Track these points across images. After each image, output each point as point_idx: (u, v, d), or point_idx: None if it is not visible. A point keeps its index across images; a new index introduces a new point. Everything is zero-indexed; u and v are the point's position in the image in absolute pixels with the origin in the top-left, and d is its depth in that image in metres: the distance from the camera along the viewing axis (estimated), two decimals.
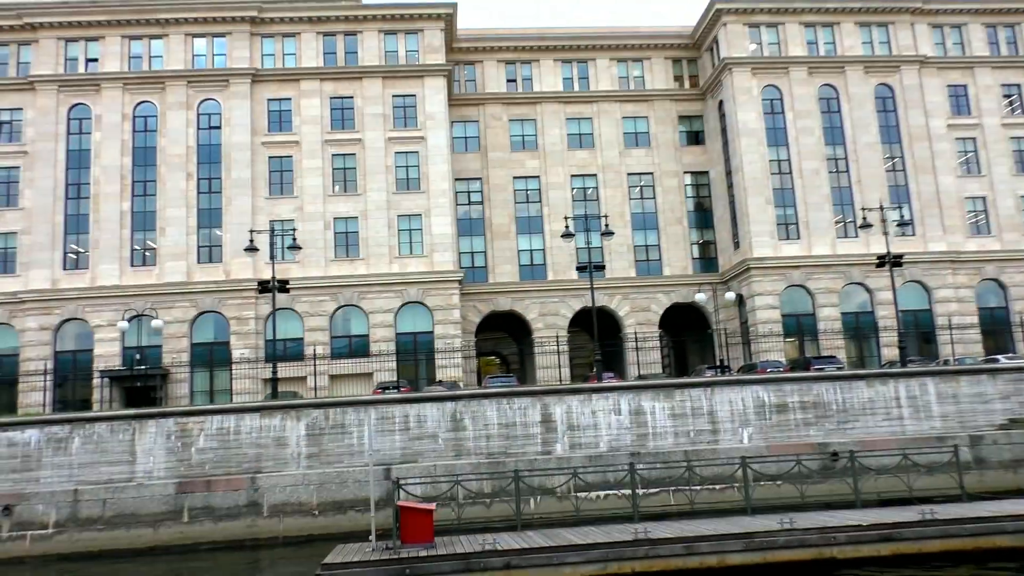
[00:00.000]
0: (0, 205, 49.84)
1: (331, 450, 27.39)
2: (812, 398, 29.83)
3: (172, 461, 27.07)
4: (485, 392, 29.42)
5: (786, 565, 17.53)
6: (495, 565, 16.94)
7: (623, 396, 28.85)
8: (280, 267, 48.98)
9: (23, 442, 27.29)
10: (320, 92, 51.96)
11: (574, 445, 28.37)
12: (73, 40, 51.42)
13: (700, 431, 28.75)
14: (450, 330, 49.50)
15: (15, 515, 26.00)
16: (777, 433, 28.76)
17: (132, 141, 50.64)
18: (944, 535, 18.07)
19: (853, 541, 17.81)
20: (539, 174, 56.94)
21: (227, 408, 28.96)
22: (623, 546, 17.52)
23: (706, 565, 17.44)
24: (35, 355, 47.13)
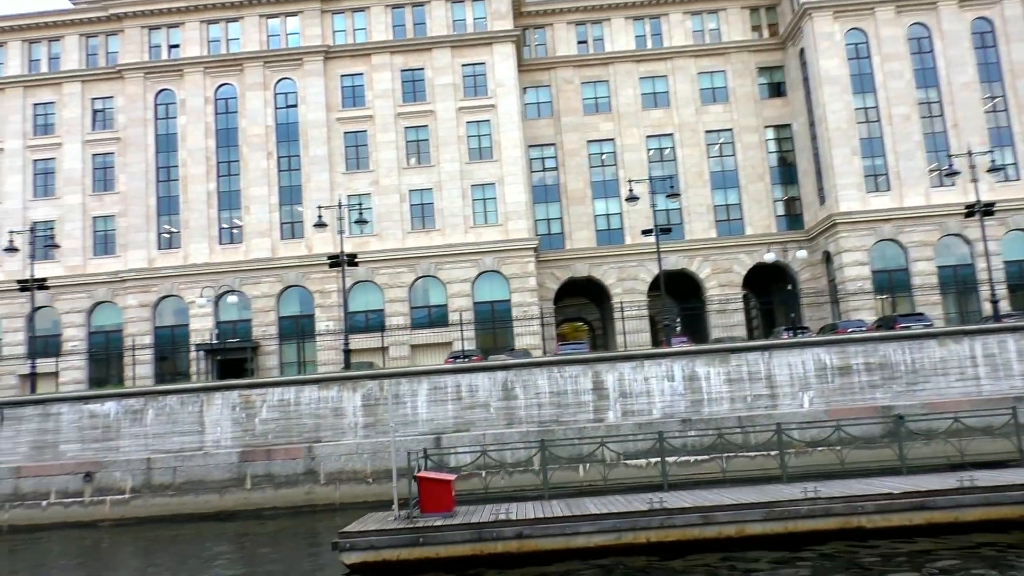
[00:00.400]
0: (99, 190, 52.61)
1: (386, 420, 28.03)
2: (878, 359, 28.49)
3: (237, 431, 28.37)
4: (536, 361, 29.37)
5: (810, 535, 16.97)
6: (507, 535, 16.88)
7: (676, 362, 28.28)
8: (358, 240, 50.26)
9: (103, 414, 29.17)
10: (391, 65, 52.39)
11: (627, 412, 28.06)
12: (156, 28, 53.38)
13: (757, 396, 27.91)
14: (527, 298, 49.63)
15: (96, 481, 28.01)
16: (840, 397, 27.64)
17: (215, 123, 52.42)
18: (984, 503, 17.12)
19: (882, 510, 17.09)
20: (613, 136, 55.98)
21: (287, 380, 30.05)
22: (637, 516, 17.22)
23: (724, 535, 17.00)
24: (136, 331, 49.86)
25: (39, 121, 53.49)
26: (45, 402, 30.31)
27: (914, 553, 15.83)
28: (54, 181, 52.73)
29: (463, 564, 16.54)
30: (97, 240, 52.10)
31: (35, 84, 53.54)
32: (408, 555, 16.74)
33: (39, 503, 30.02)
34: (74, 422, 29.50)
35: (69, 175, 52.49)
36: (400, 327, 49.17)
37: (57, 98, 53.48)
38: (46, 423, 29.57)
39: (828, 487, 18.69)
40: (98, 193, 52.44)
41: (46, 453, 29.28)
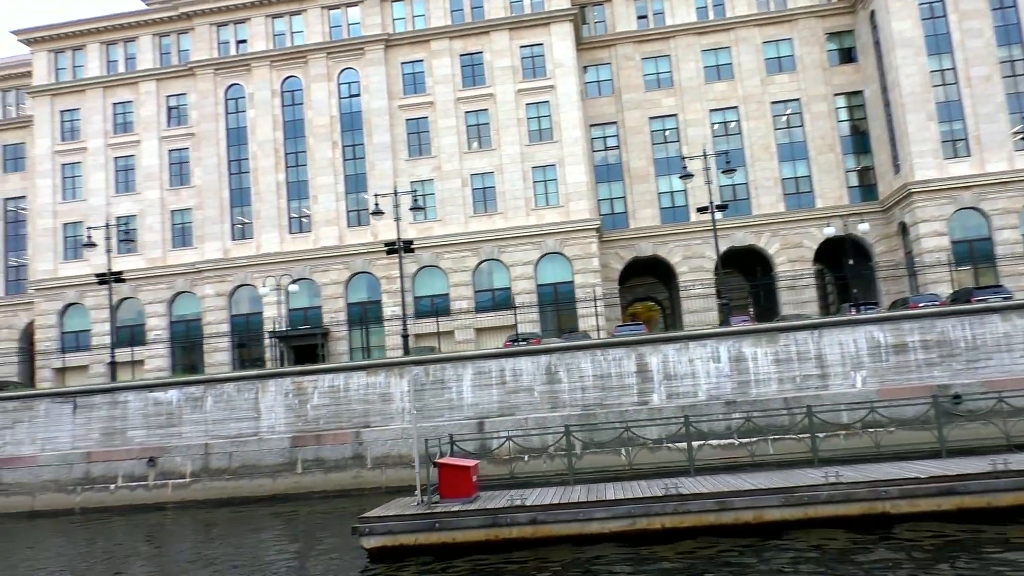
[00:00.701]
0: (176, 184, 54.76)
1: (432, 404, 28.51)
2: (936, 336, 27.26)
3: (291, 417, 29.31)
4: (579, 344, 29.23)
5: (832, 520, 16.47)
6: (521, 521, 17.00)
7: (722, 343, 27.69)
8: (422, 226, 51.02)
9: (166, 401, 30.63)
10: (450, 50, 52.67)
11: (671, 395, 27.69)
12: (224, 24, 54.97)
13: (807, 376, 27.13)
14: (590, 279, 49.48)
15: (159, 466, 29.51)
16: (894, 376, 26.62)
17: (282, 115, 53.80)
18: (1018, 487, 16.23)
19: (908, 495, 16.46)
20: (676, 112, 55.01)
21: (337, 367, 30.80)
22: (651, 502, 17.07)
23: (742, 521, 16.68)
24: (214, 319, 51.91)
25: (119, 120, 55.92)
26: (114, 390, 32.09)
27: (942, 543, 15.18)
28: (134, 177, 55.13)
29: (479, 549, 16.82)
30: (175, 233, 54.29)
31: (114, 84, 55.93)
32: (425, 540, 17.11)
33: (107, 486, 31.92)
34: (140, 409, 31.17)
35: (148, 171, 54.77)
36: (465, 311, 49.78)
37: (134, 97, 55.77)
38: (114, 410, 31.36)
39: (857, 471, 18.11)
40: (175, 187, 54.58)
41: (115, 439, 31.07)
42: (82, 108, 56.11)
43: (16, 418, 32.50)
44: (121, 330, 53.93)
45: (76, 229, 55.14)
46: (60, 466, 32.09)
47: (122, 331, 53.87)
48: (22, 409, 32.58)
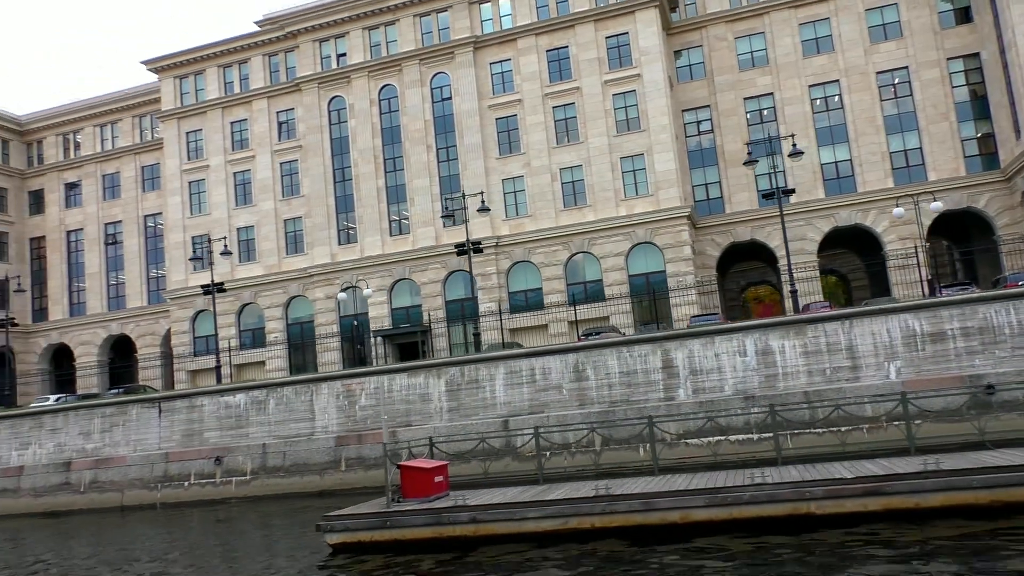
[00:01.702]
0: (287, 195, 58.39)
1: (467, 404, 29.24)
2: (977, 323, 25.07)
3: (341, 418, 30.91)
4: (605, 342, 29.04)
5: (757, 521, 16.24)
6: (462, 519, 17.75)
7: (749, 336, 26.72)
8: (515, 222, 52.05)
9: (235, 404, 33.06)
10: (536, 47, 53.23)
11: (697, 390, 27.01)
12: (325, 40, 57.98)
13: (837, 368, 25.68)
14: (682, 267, 48.84)
15: (224, 464, 31.96)
16: (931, 366, 24.72)
17: (380, 123, 56.19)
18: (948, 487, 15.57)
19: (833, 496, 16.05)
20: (772, 91, 53.14)
21: (381, 370, 32.21)
22: (580, 502, 17.42)
23: (668, 521, 16.81)
24: (324, 320, 55.08)
25: (235, 137, 60.21)
26: (192, 395, 35.07)
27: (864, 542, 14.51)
28: (250, 190, 59.23)
29: (427, 545, 17.70)
30: (288, 240, 57.93)
31: (230, 104, 60.24)
32: (380, 537, 18.17)
33: (182, 484, 35.03)
34: (214, 412, 33.95)
35: (262, 183, 58.71)
36: (557, 304, 50.33)
37: (248, 115, 59.86)
38: (193, 414, 34.35)
39: (778, 472, 17.83)
40: (287, 198, 58.21)
41: (193, 440, 34.01)
42: (204, 128, 60.82)
43: (113, 422, 36.32)
44: (244, 333, 58.32)
45: (203, 241, 59.90)
46: (144, 465, 35.61)
47: (245, 334, 58.25)
48: (118, 414, 36.38)
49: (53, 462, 37.45)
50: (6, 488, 38.87)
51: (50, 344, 70.01)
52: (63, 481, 38.03)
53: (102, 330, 67.61)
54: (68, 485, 37.81)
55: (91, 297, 68.62)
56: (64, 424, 37.37)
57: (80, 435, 36.88)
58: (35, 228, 71.56)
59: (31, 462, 37.89)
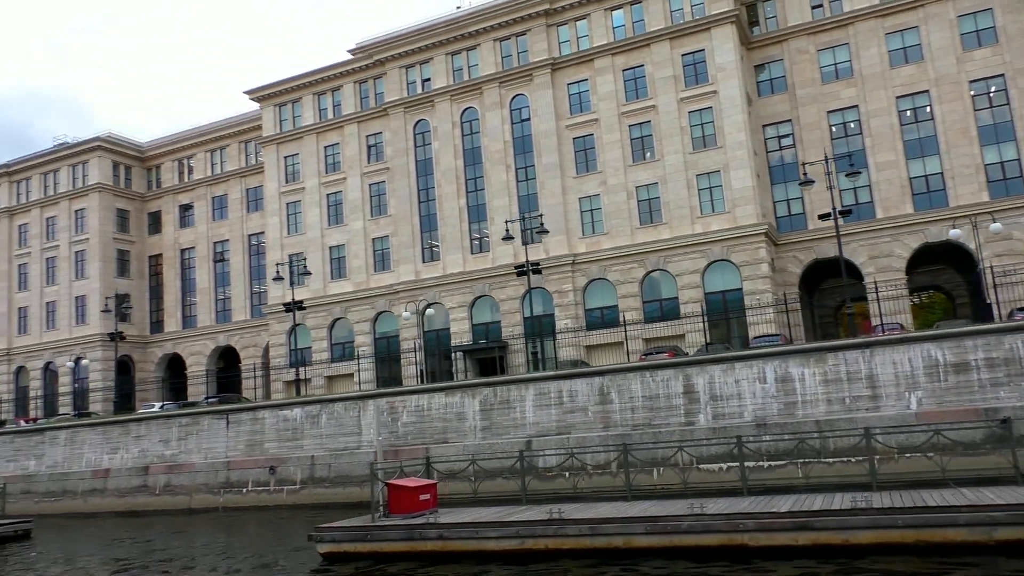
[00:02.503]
0: (376, 214, 61.05)
1: (499, 423, 30.12)
2: (1002, 354, 23.74)
3: (385, 433, 32.23)
4: (629, 366, 29.10)
5: (694, 549, 17.07)
6: (431, 536, 19.33)
7: (769, 363, 26.22)
8: (591, 240, 52.86)
9: (292, 418, 35.09)
10: (612, 67, 53.82)
11: (717, 415, 26.71)
12: (411, 66, 60.43)
13: (857, 397, 24.85)
14: (759, 285, 48.23)
15: (278, 474, 33.99)
16: (954, 397, 23.60)
17: (462, 144, 58.06)
18: (875, 525, 15.93)
19: (765, 529, 16.65)
20: (857, 103, 51.78)
21: (420, 389, 33.65)
22: (535, 525, 18.60)
23: (613, 545, 17.72)
24: (408, 335, 57.24)
25: (328, 160, 63.47)
26: (255, 408, 37.44)
27: None
28: (342, 211, 62.27)
29: (401, 558, 19.42)
30: (376, 258, 60.55)
31: (324, 129, 63.58)
32: (361, 548, 20.02)
33: (241, 490, 37.48)
34: (273, 425, 36.15)
35: (353, 204, 61.63)
36: (633, 322, 50.57)
37: (340, 139, 63.01)
38: (255, 425, 36.70)
39: (717, 504, 18.48)
40: (375, 217, 60.87)
41: (254, 450, 36.32)
42: (300, 152, 64.40)
43: (188, 431, 39.21)
44: (335, 347, 61.27)
45: (299, 259, 63.37)
46: (210, 472, 38.30)
47: (336, 347, 61.19)
48: (192, 424, 39.27)
49: (135, 466, 40.96)
50: (95, 488, 42.69)
51: (165, 354, 75.43)
52: (141, 484, 41.53)
53: (210, 341, 72.34)
54: (145, 487, 41.27)
55: (201, 311, 73.57)
56: (147, 432, 40.88)
57: (160, 442, 40.18)
58: (153, 247, 77.34)
59: (117, 465, 41.56)
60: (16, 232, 79.30)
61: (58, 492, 43.19)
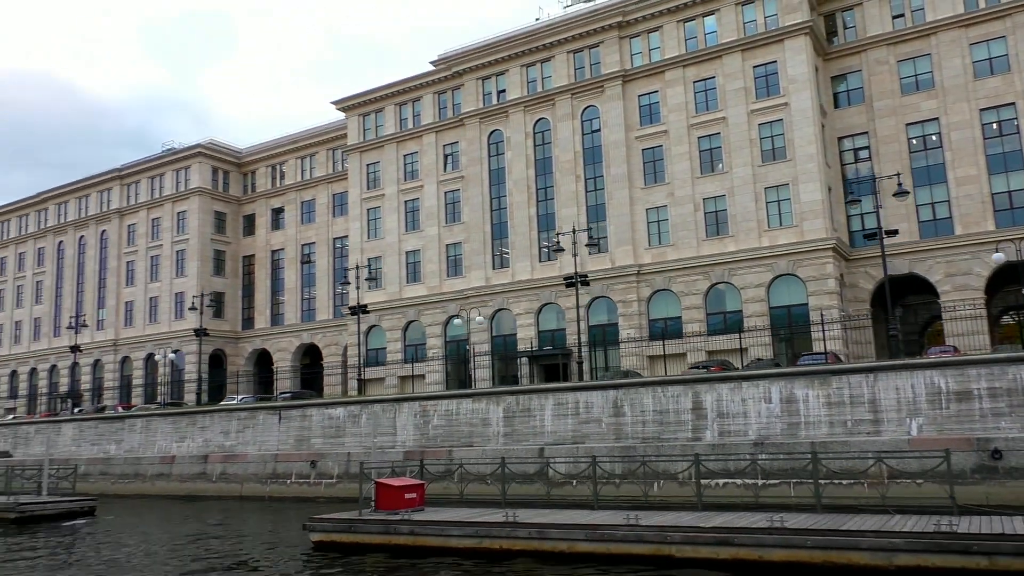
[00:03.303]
0: (450, 221, 62.98)
1: (520, 430, 31.10)
2: (1005, 384, 22.74)
3: (416, 435, 33.43)
4: (642, 381, 29.26)
5: (628, 557, 18.55)
6: (403, 531, 21.64)
7: (774, 383, 25.91)
8: (657, 251, 53.20)
9: (336, 416, 36.83)
10: (683, 79, 53.96)
11: (723, 432, 26.59)
12: (487, 78, 62.08)
13: (859, 421, 24.28)
14: (824, 300, 47.45)
15: (318, 468, 35.95)
16: (955, 425, 22.80)
17: (533, 155, 59.29)
18: (787, 545, 17.06)
19: (690, 542, 18.04)
20: (937, 115, 50.26)
21: (450, 394, 35.10)
22: (491, 526, 20.66)
23: (558, 549, 19.51)
24: (478, 339, 58.80)
25: (407, 168, 65.82)
26: (304, 407, 39.46)
27: None
28: (418, 217, 64.48)
29: (378, 548, 21.80)
30: (449, 264, 62.44)
31: (404, 139, 66.00)
32: (346, 538, 22.58)
33: (285, 481, 39.64)
34: (320, 422, 38.05)
35: (428, 211, 63.74)
36: (696, 334, 50.61)
37: (419, 148, 65.27)
38: (304, 422, 38.72)
39: (649, 516, 19.97)
40: (449, 224, 62.81)
41: (302, 445, 38.29)
42: (381, 160, 67.04)
43: (245, 424, 41.74)
44: (408, 348, 63.47)
45: (378, 263, 66.00)
46: (260, 463, 40.62)
47: (409, 349, 63.37)
48: (249, 418, 41.79)
49: (197, 454, 43.96)
50: (162, 472, 46.03)
51: (255, 349, 79.65)
52: (201, 471, 44.55)
53: (295, 339, 75.99)
54: (204, 475, 44.25)
55: (288, 309, 77.37)
56: (210, 423, 43.93)
57: (221, 433, 43.02)
58: (247, 247, 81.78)
59: (183, 453, 44.71)
60: (125, 231, 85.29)
61: (131, 475, 46.92)
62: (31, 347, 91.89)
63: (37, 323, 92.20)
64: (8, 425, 58.36)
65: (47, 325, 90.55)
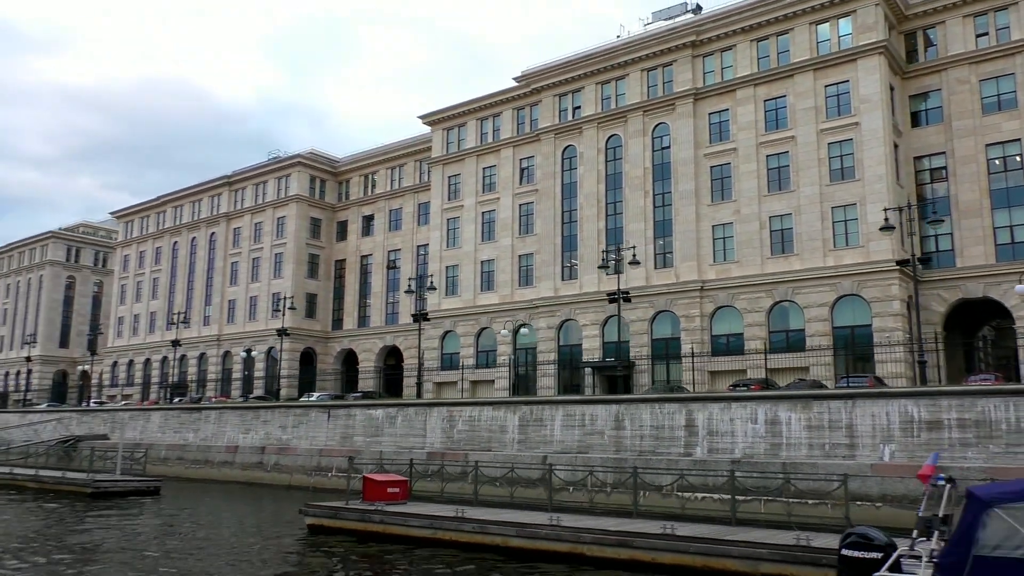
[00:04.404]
0: (523, 233, 65.10)
1: (532, 438, 32.68)
2: (975, 415, 22.28)
3: (443, 437, 35.10)
4: (641, 397, 29.92)
5: (550, 552, 21.44)
6: (375, 520, 25.14)
7: (761, 406, 26.13)
8: (721, 267, 53.76)
9: (376, 417, 38.97)
10: (754, 97, 54.24)
11: (712, 450, 26.95)
12: (563, 94, 63.93)
13: (836, 445, 24.21)
14: (888, 323, 46.83)
15: (353, 463, 38.47)
16: (924, 452, 22.49)
17: (604, 170, 60.68)
18: (674, 549, 19.49)
19: (597, 543, 20.66)
20: (1019, 137, 48.75)
21: (473, 401, 37.26)
22: (444, 520, 23.95)
23: (494, 542, 22.46)
24: (545, 348, 60.59)
25: (486, 181, 68.38)
26: (350, 407, 41.96)
27: None
28: (494, 228, 66.89)
29: (355, 533, 25.50)
30: (520, 274, 64.52)
31: (483, 152, 68.64)
32: (332, 523, 26.41)
33: (326, 474, 42.21)
34: (363, 422, 40.37)
35: (504, 222, 66.06)
36: (758, 351, 50.76)
37: (497, 161, 67.71)
38: (348, 421, 41.16)
39: (571, 519, 22.73)
40: (522, 235, 64.93)
41: (346, 442, 40.73)
42: (462, 173, 69.89)
43: (300, 420, 44.75)
44: (480, 354, 65.89)
45: (455, 271, 68.78)
46: (308, 457, 43.40)
47: (480, 355, 65.79)
48: (303, 415, 44.82)
49: (257, 445, 47.51)
50: (227, 460, 49.91)
51: (342, 349, 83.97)
52: (258, 461, 48.08)
53: (379, 340, 79.75)
54: (261, 464, 47.73)
55: (374, 312, 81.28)
56: (271, 418, 47.51)
57: (279, 427, 46.35)
58: (339, 252, 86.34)
59: (245, 444, 48.40)
60: (232, 234, 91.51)
61: (202, 461, 51.28)
62: (147, 339, 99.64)
63: (153, 317, 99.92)
64: (109, 411, 64.27)
65: (161, 319, 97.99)
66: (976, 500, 10.75)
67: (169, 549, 24.05)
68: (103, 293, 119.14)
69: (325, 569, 22.01)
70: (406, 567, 21.63)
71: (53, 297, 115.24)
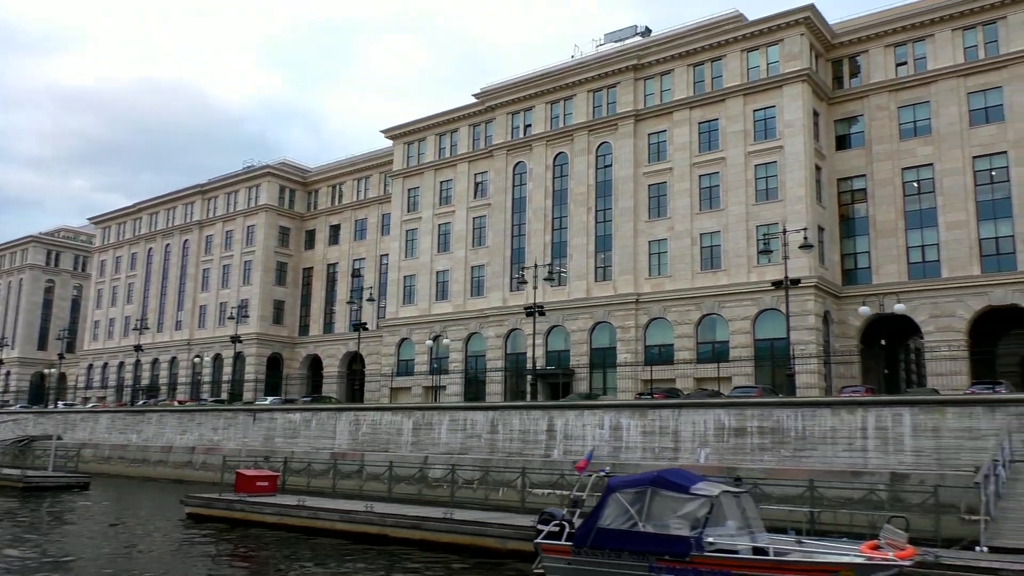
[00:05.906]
0: (476, 245, 67.81)
1: (423, 440, 36.29)
2: (772, 424, 25.28)
3: (349, 439, 38.03)
4: (512, 404, 32.72)
5: (365, 534, 26.30)
6: (237, 508, 29.56)
7: (607, 413, 29.03)
8: (655, 281, 56.51)
9: (295, 420, 41.88)
10: (689, 120, 57.14)
11: (566, 452, 29.74)
12: (516, 113, 66.75)
13: (664, 448, 27.08)
14: (804, 336, 49.61)
15: (269, 462, 41.68)
16: (732, 456, 25.51)
17: (552, 186, 63.48)
18: (451, 531, 24.71)
19: (397, 525, 25.77)
20: (932, 161, 51.72)
21: (374, 407, 40.79)
22: (288, 507, 28.73)
23: (325, 526, 27.49)
24: (493, 356, 63.24)
25: (442, 194, 71.12)
26: (271, 411, 45.26)
27: None
28: (449, 240, 69.55)
29: (222, 520, 29.73)
30: (473, 284, 67.20)
31: (441, 166, 71.40)
32: (206, 512, 30.97)
33: None
34: (283, 424, 43.68)
35: (458, 235, 68.77)
36: (687, 361, 53.56)
37: (453, 176, 70.48)
38: (271, 424, 43.83)
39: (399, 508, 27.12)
40: (475, 248, 67.64)
41: (268, 442, 44.31)
42: (420, 186, 72.63)
43: (230, 423, 48.53)
44: (435, 361, 68.47)
45: (412, 280, 71.42)
46: (231, 455, 46.26)
47: (434, 361, 68.37)
48: (232, 417, 48.69)
49: (189, 446, 50.63)
50: (162, 460, 53.09)
51: (308, 354, 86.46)
52: (188, 460, 51.36)
53: (343, 346, 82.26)
54: (190, 463, 51.09)
55: (339, 319, 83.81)
56: (205, 420, 51.05)
57: (211, 429, 49.29)
58: (306, 260, 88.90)
59: (179, 444, 51.82)
60: (204, 241, 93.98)
61: (140, 460, 54.53)
62: (121, 343, 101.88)
63: (127, 321, 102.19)
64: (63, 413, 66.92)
65: (135, 323, 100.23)
66: (607, 487, 14.12)
67: (64, 533, 27.60)
68: (82, 297, 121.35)
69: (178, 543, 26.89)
70: (253, 545, 25.76)
71: (32, 300, 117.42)
